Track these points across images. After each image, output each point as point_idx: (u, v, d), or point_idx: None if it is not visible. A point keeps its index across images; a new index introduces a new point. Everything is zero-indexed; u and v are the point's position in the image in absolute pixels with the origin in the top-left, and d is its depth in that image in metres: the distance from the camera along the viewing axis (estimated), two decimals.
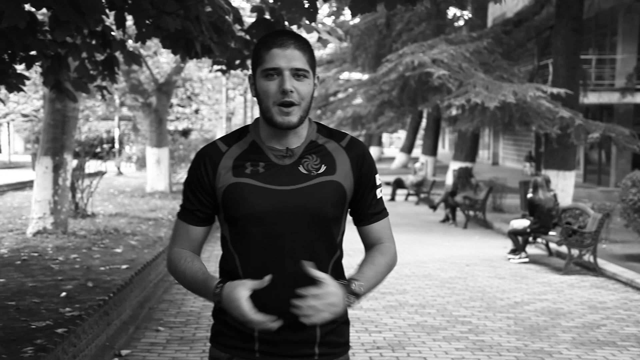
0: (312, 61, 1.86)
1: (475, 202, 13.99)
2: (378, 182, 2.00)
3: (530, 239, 10.01)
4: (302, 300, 1.73)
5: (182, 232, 1.96)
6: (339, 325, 1.96)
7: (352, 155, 1.94)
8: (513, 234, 9.89)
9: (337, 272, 1.95)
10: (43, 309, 5.86)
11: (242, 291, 1.74)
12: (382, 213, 2.01)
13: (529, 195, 10.04)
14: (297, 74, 1.81)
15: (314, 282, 1.83)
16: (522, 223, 10.00)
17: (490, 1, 20.15)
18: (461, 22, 24.93)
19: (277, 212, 1.85)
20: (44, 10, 4.84)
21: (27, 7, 4.46)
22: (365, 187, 1.96)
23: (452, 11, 24.77)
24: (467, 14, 23.74)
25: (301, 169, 1.89)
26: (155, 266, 7.12)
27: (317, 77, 1.91)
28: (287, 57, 1.79)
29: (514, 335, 5.89)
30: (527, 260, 9.68)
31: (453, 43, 16.48)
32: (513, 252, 9.85)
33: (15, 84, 5.93)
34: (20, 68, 6.04)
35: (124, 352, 5.07)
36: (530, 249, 10.40)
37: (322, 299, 1.73)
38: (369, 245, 2.01)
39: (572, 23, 14.79)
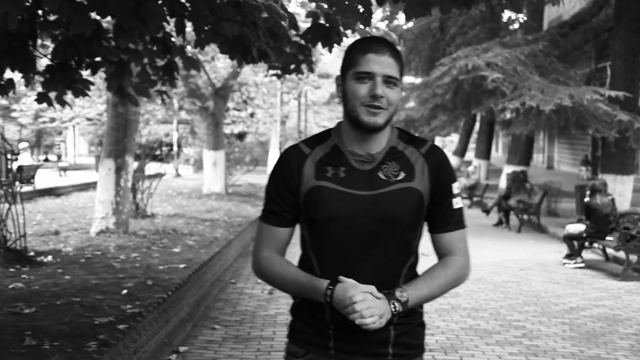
0: (402, 70, 1.87)
1: (529, 206, 13.73)
2: (456, 191, 1.97)
3: (587, 243, 9.77)
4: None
5: (269, 235, 1.97)
6: (414, 327, 1.97)
7: (431, 162, 1.93)
8: (568, 239, 9.67)
9: (411, 276, 1.94)
10: (105, 306, 6.02)
11: (352, 292, 1.77)
12: (457, 224, 1.98)
13: (586, 199, 9.80)
14: (389, 81, 1.82)
15: (388, 285, 1.85)
16: (578, 227, 9.76)
17: (547, 3, 19.77)
18: (516, 25, 24.52)
19: (355, 216, 1.86)
20: (109, 18, 4.97)
21: (93, 15, 4.59)
22: (440, 195, 1.94)
23: (507, 14, 24.38)
24: (522, 17, 23.32)
25: (380, 174, 1.89)
26: (211, 266, 7.22)
27: (402, 86, 1.93)
28: (382, 64, 1.81)
29: (569, 341, 5.75)
30: (582, 265, 9.44)
31: (508, 46, 16.23)
32: (568, 256, 9.62)
33: (81, 89, 6.10)
34: (85, 74, 6.22)
35: (181, 349, 5.15)
36: (587, 254, 10.14)
37: (365, 304, 1.75)
38: (440, 255, 1.99)
39: (631, 24, 14.33)
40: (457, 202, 1.98)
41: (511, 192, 14.15)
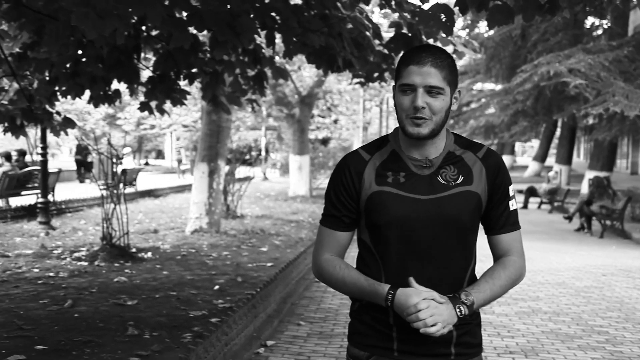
0: (451, 76, 1.82)
1: (612, 212, 13.16)
2: (511, 194, 1.94)
3: None
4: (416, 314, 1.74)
5: (329, 239, 1.96)
6: (473, 327, 1.94)
7: (488, 166, 1.91)
8: None
9: (472, 278, 1.92)
10: (199, 300, 6.19)
11: (416, 300, 1.75)
12: (513, 226, 1.95)
13: None
14: (431, 91, 1.79)
15: (453, 287, 1.83)
16: None
17: (633, 9, 18.91)
18: (600, 31, 23.55)
19: (417, 220, 1.84)
20: (205, 32, 5.12)
21: (191, 29, 4.74)
22: (497, 197, 1.91)
23: (590, 20, 23.47)
24: (606, 23, 22.39)
25: (440, 179, 1.88)
26: (297, 265, 7.30)
27: (458, 92, 1.88)
28: (423, 75, 1.78)
29: None
30: None
31: (591, 52, 15.65)
32: None
33: (178, 98, 6.31)
34: (183, 84, 6.42)
35: (269, 342, 5.23)
36: None
37: (429, 311, 1.73)
38: (497, 256, 1.96)
39: None
40: (513, 204, 1.95)
41: (594, 198, 13.61)
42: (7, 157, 13.04)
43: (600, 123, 15.01)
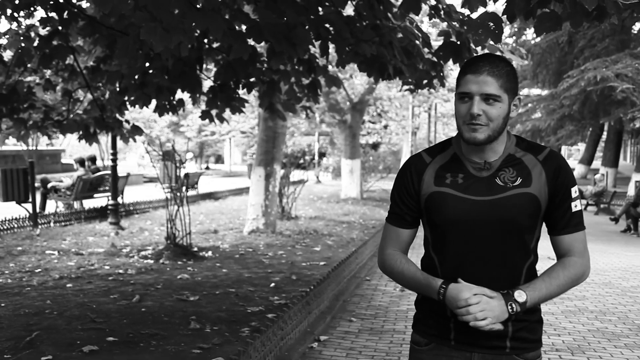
0: (509, 84, 1.79)
1: None
2: (574, 195, 1.89)
3: None
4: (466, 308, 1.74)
5: (392, 235, 2.00)
6: (531, 323, 1.90)
7: (548, 168, 1.87)
8: None
9: (530, 276, 1.88)
10: (256, 297, 6.24)
11: (467, 295, 1.75)
12: (576, 226, 1.90)
13: None
14: (488, 98, 1.77)
15: (509, 285, 1.80)
16: None
17: None
18: None
19: (474, 220, 1.83)
20: (263, 43, 5.17)
21: (250, 41, 4.79)
22: (560, 199, 1.87)
23: (637, 26, 22.68)
24: None
25: (497, 180, 1.86)
26: (348, 264, 7.28)
27: (517, 99, 1.85)
28: (479, 83, 1.76)
29: None
30: None
31: (638, 57, 15.13)
32: None
33: (237, 106, 6.38)
34: (242, 93, 6.50)
35: (322, 337, 5.23)
36: None
37: (480, 306, 1.72)
38: (559, 255, 1.92)
39: None
40: (576, 205, 1.90)
41: None
42: (81, 162, 13.45)
43: None
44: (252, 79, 6.12)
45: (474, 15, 4.84)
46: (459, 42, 5.41)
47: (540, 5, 3.79)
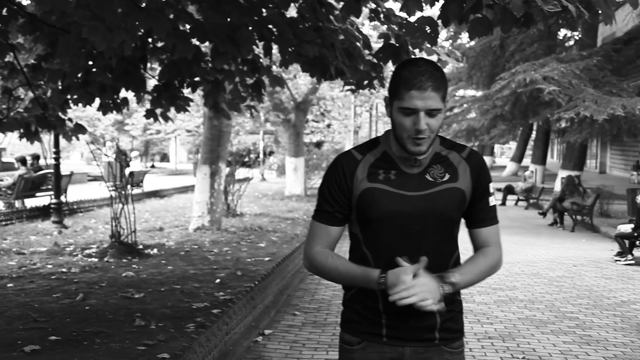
0: (445, 92, 1.82)
1: (582, 208, 13.21)
2: (491, 191, 1.96)
3: (637, 242, 9.31)
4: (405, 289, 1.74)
5: (321, 233, 1.95)
6: (455, 314, 1.95)
7: (472, 165, 1.92)
8: (620, 238, 9.24)
9: (455, 266, 1.93)
10: (202, 293, 6.17)
11: (407, 277, 1.74)
12: (492, 220, 1.96)
13: (638, 201, 9.35)
14: (431, 113, 1.79)
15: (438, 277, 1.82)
16: (629, 227, 9.33)
17: (601, 22, 18.96)
18: (571, 42, 23.66)
19: (407, 214, 1.85)
20: (207, 43, 5.10)
21: (194, 41, 4.72)
22: (479, 194, 1.93)
23: (562, 32, 23.55)
24: (577, 35, 22.48)
25: (428, 176, 1.89)
26: (292, 259, 7.29)
27: (446, 101, 1.88)
28: (424, 99, 1.76)
29: (620, 332, 5.50)
30: (633, 262, 9.00)
31: (564, 61, 15.71)
32: (620, 254, 9.19)
33: (182, 105, 6.28)
34: (186, 92, 6.40)
35: (266, 331, 5.22)
36: (637, 252, 9.67)
37: (418, 286, 1.72)
38: (477, 247, 1.97)
39: None
40: (492, 200, 1.96)
41: (566, 195, 13.64)
42: (23, 161, 12.97)
43: (572, 126, 15.04)
44: (197, 79, 6.03)
45: (412, 19, 4.91)
46: (397, 45, 5.48)
47: (472, 11, 3.88)
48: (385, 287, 1.77)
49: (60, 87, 6.13)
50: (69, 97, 6.19)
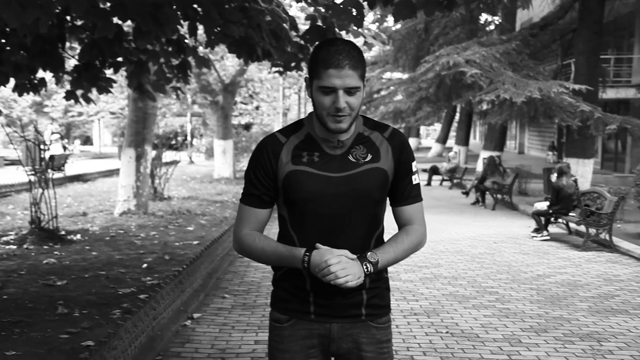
0: (364, 71, 1.84)
1: (502, 187, 13.74)
2: (414, 169, 2.00)
3: (552, 219, 9.80)
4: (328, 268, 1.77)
5: (249, 216, 1.96)
6: (382, 291, 1.99)
7: (394, 145, 1.95)
8: (536, 215, 9.69)
9: (378, 244, 1.97)
10: (128, 278, 6.03)
11: (329, 257, 1.77)
12: (416, 198, 2.00)
13: (554, 180, 9.82)
14: (350, 91, 1.80)
15: (358, 254, 1.86)
16: (544, 205, 9.81)
17: (519, 7, 19.66)
18: (492, 27, 24.38)
19: (331, 195, 1.87)
20: (129, 22, 4.94)
21: (115, 20, 4.55)
22: (402, 173, 1.96)
23: (484, 17, 24.24)
24: (497, 19, 23.21)
25: (350, 157, 1.91)
26: (221, 242, 7.23)
27: (366, 80, 1.90)
28: (342, 78, 1.78)
29: (536, 304, 5.79)
30: (548, 238, 9.47)
31: (484, 45, 16.15)
32: (536, 231, 9.65)
33: (104, 86, 6.06)
34: (108, 73, 6.18)
35: (195, 315, 5.17)
36: (552, 228, 10.18)
37: (340, 265, 1.76)
38: (401, 225, 2.02)
39: (593, 26, 14.34)
40: (415, 179, 2.00)
41: (487, 175, 14.15)
42: None
43: (493, 108, 15.55)
44: (119, 59, 5.83)
45: (338, 1, 4.92)
46: (324, 26, 5.48)
47: None
48: (309, 267, 1.80)
49: None
50: None
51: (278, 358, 1.97)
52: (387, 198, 2.01)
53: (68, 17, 5.36)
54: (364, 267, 1.81)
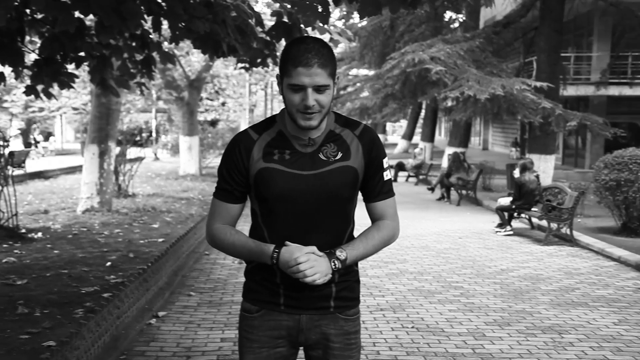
0: (333, 69, 1.85)
1: (467, 183, 13.93)
2: (385, 165, 2.02)
3: (515, 214, 9.97)
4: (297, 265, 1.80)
5: (221, 210, 1.99)
6: (351, 284, 2.02)
7: (364, 142, 1.97)
8: (500, 210, 9.85)
9: (350, 240, 1.99)
10: (91, 277, 5.93)
11: (298, 254, 1.80)
12: (387, 193, 2.03)
13: (516, 176, 9.99)
14: (319, 89, 1.81)
15: (329, 253, 1.88)
16: (508, 200, 9.98)
17: (482, 5, 19.92)
18: (456, 24, 24.67)
19: (301, 193, 1.89)
20: (91, 16, 4.83)
21: (77, 13, 4.45)
22: (373, 169, 1.98)
23: (448, 14, 24.51)
24: (461, 17, 23.49)
25: (321, 155, 1.93)
26: (187, 239, 7.15)
27: (337, 78, 1.91)
28: (311, 76, 1.79)
29: (499, 298, 5.89)
30: (512, 233, 9.65)
31: (449, 43, 16.32)
32: (500, 226, 9.82)
33: (66, 81, 5.92)
34: (70, 67, 6.04)
35: (160, 313, 5.11)
36: (515, 223, 10.37)
37: (309, 263, 1.79)
38: (373, 220, 2.05)
39: (553, 25, 14.64)
40: (387, 175, 2.02)
41: (452, 171, 14.32)
42: None
43: (457, 105, 15.72)
44: (81, 53, 5.70)
45: None
46: (290, 23, 5.46)
47: None
48: (278, 263, 1.83)
49: None
50: None
51: (247, 347, 2.00)
52: (359, 194, 2.03)
53: (27, 10, 5.22)
54: (332, 264, 1.85)
